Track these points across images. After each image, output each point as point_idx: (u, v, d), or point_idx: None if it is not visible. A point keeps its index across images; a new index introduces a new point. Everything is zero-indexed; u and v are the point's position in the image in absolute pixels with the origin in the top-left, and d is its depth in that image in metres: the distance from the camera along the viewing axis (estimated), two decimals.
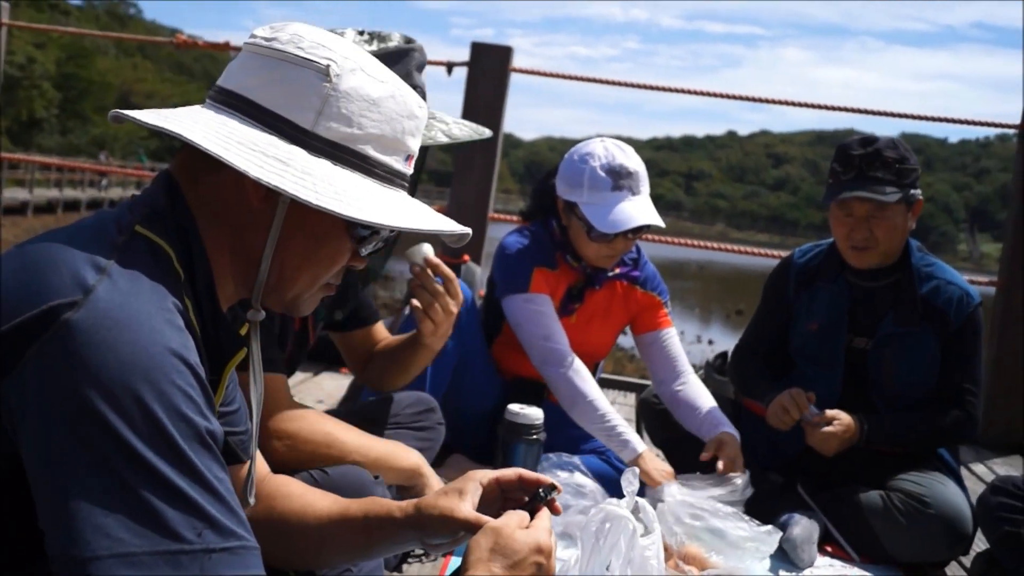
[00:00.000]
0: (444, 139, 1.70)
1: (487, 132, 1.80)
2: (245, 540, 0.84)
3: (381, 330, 2.06)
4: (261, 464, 1.26)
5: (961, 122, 4.59)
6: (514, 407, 2.13)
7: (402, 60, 1.70)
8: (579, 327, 2.58)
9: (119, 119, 0.96)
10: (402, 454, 1.72)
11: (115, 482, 0.78)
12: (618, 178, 2.39)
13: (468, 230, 1.08)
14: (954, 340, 2.44)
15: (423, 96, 1.78)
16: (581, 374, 2.41)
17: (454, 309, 1.83)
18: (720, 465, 2.32)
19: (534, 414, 2.11)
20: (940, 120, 4.61)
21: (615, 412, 2.38)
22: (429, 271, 1.80)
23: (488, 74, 3.94)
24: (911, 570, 2.32)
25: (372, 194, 0.99)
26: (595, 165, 2.40)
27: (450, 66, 3.96)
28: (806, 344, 2.55)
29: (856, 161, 2.40)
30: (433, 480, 1.75)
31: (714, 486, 2.30)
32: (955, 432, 2.44)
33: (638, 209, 2.38)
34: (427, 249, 1.84)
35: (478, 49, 4.03)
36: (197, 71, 70.03)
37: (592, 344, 2.63)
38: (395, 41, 1.70)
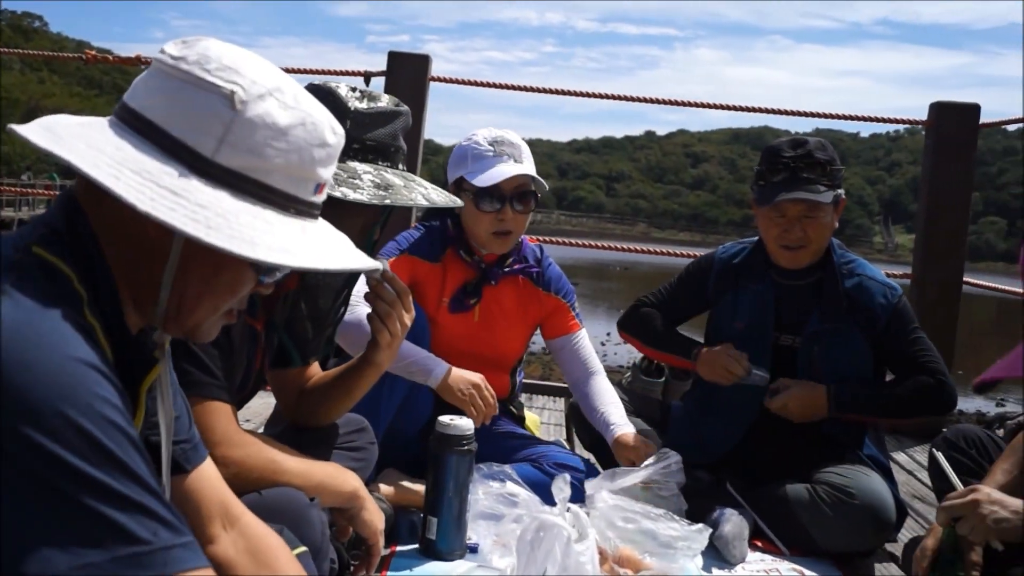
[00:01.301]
0: (424, 202, 1.73)
1: (459, 203, 1.85)
2: (190, 535, 0.86)
3: (316, 369, 2.04)
4: (235, 502, 1.27)
5: (871, 119, 4.72)
6: (444, 419, 2.12)
7: (392, 122, 1.74)
8: (484, 327, 2.58)
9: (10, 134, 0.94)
10: (341, 479, 1.72)
11: (62, 501, 0.78)
12: (500, 146, 2.47)
13: (375, 265, 1.07)
14: (889, 332, 2.51)
15: (404, 158, 1.80)
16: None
17: (408, 322, 1.84)
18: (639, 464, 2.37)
19: (465, 425, 2.11)
20: (851, 118, 4.75)
21: (409, 344, 2.34)
22: (386, 284, 1.81)
23: (406, 83, 3.93)
24: (839, 560, 2.38)
25: (271, 228, 0.96)
26: (479, 139, 2.49)
27: (368, 76, 3.93)
28: (732, 343, 2.59)
29: (788, 163, 2.46)
30: (369, 503, 1.75)
31: (646, 474, 2.32)
32: (929, 395, 2.48)
33: (517, 168, 2.44)
34: (383, 261, 1.85)
35: (395, 58, 4.02)
36: (107, 84, 68.39)
37: (501, 345, 2.63)
38: (384, 102, 1.74)
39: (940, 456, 2.12)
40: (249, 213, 0.95)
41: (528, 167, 2.48)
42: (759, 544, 2.42)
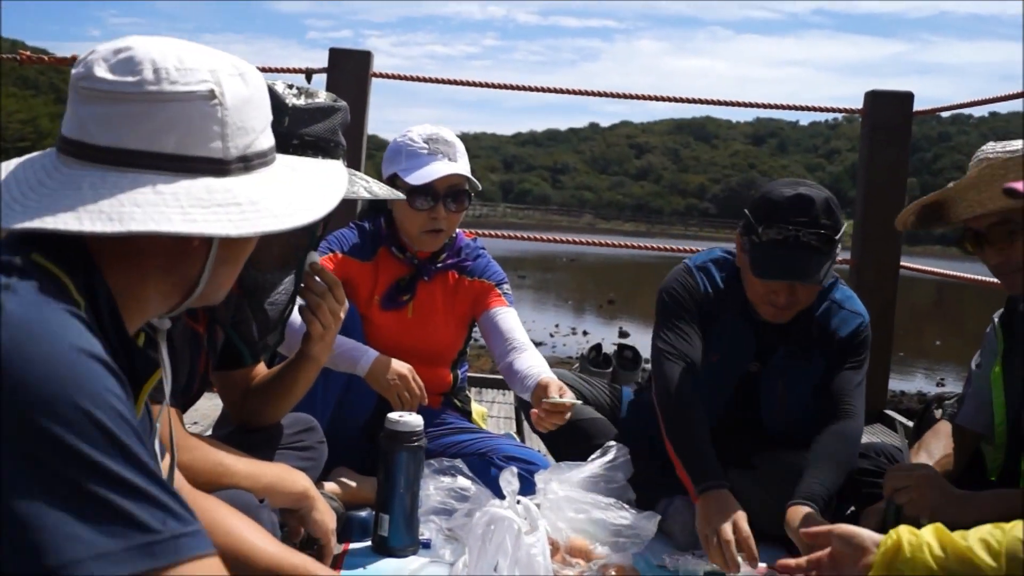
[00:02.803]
0: (367, 195, 1.75)
1: (401, 195, 1.89)
2: (198, 523, 0.88)
3: (261, 368, 2.03)
4: (182, 481, 1.31)
5: (809, 108, 4.82)
6: (394, 415, 2.12)
7: (330, 117, 1.75)
8: (419, 322, 2.58)
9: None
10: (290, 479, 1.72)
11: (75, 491, 0.80)
12: (434, 144, 2.46)
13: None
14: (845, 354, 2.44)
15: (344, 153, 1.80)
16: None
17: (340, 314, 1.84)
18: (554, 398, 2.28)
19: (414, 421, 2.11)
20: (790, 108, 4.83)
21: (339, 336, 2.27)
22: (316, 276, 1.81)
23: (349, 80, 3.90)
24: (786, 541, 2.42)
25: (286, 190, 1.06)
26: (413, 136, 2.48)
27: (309, 73, 3.90)
28: (704, 373, 2.50)
29: (790, 229, 2.22)
30: (319, 503, 1.75)
31: (596, 467, 2.35)
32: (856, 441, 2.38)
33: (450, 167, 2.43)
34: (313, 255, 1.87)
35: (337, 55, 3.98)
36: (44, 84, 66.80)
37: (437, 340, 2.63)
38: (321, 98, 1.75)
39: (900, 424, 2.15)
40: (266, 184, 1.04)
41: (462, 166, 2.48)
42: None
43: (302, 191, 1.08)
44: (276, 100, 1.71)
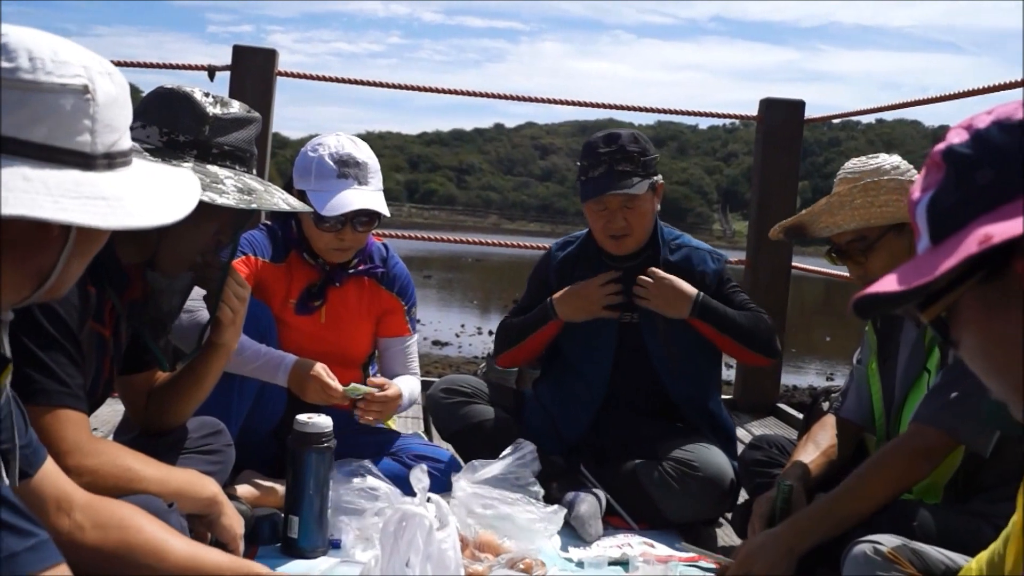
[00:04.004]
0: (285, 207, 1.75)
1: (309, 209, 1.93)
2: (41, 534, 0.88)
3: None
4: (73, 487, 1.30)
5: (707, 114, 4.97)
6: (302, 417, 2.13)
7: (247, 127, 1.75)
8: (331, 327, 2.59)
9: None
10: (199, 484, 1.71)
11: None
12: (344, 167, 2.44)
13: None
14: (721, 294, 2.66)
15: (256, 164, 1.80)
16: None
17: (244, 295, 1.86)
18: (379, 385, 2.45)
19: (323, 422, 2.12)
20: (689, 113, 4.98)
21: (259, 344, 2.38)
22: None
23: (253, 78, 3.85)
24: (685, 530, 2.52)
25: (147, 190, 1.07)
26: (324, 154, 2.45)
27: (212, 71, 3.82)
28: (576, 330, 2.69)
29: (604, 158, 2.58)
30: (228, 508, 1.75)
31: (504, 465, 2.40)
32: (767, 331, 2.63)
33: (361, 197, 2.42)
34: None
35: (241, 52, 3.91)
36: None
37: (349, 344, 2.64)
38: (236, 108, 1.75)
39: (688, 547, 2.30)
40: (129, 182, 1.04)
41: (373, 189, 2.47)
42: (612, 521, 2.53)
43: (162, 192, 1.11)
44: (196, 108, 1.71)
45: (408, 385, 2.60)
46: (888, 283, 0.90)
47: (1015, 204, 0.84)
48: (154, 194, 1.08)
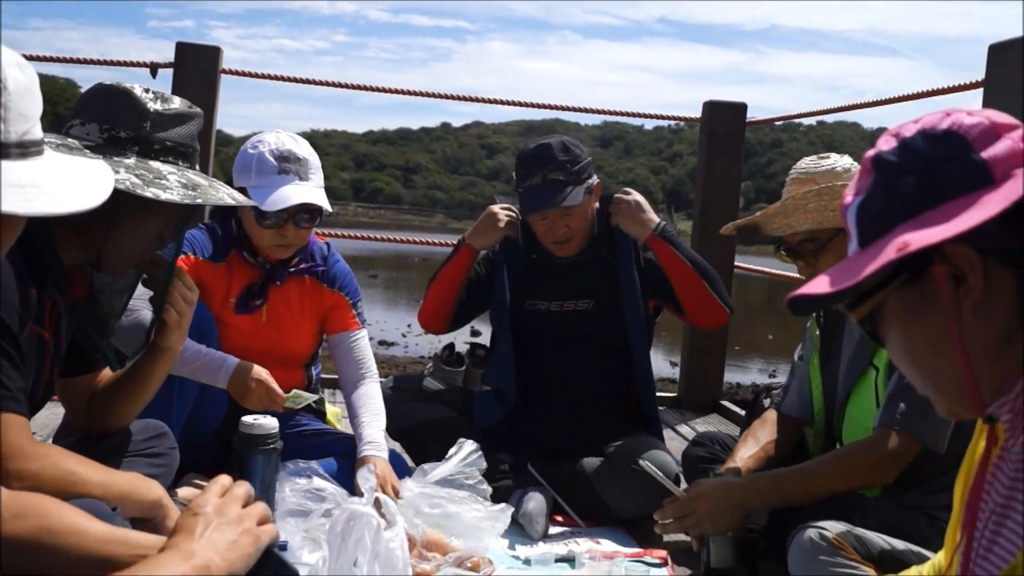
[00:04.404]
0: (230, 201, 1.74)
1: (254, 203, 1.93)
2: None
3: (106, 371, 1.98)
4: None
5: (652, 116, 5.03)
6: (248, 418, 2.11)
7: (188, 122, 1.72)
8: (271, 326, 2.57)
9: None
10: (143, 488, 1.69)
11: None
12: (285, 162, 2.42)
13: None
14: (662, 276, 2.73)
15: (199, 159, 1.78)
16: None
17: (192, 298, 1.84)
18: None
19: (269, 424, 2.11)
20: (634, 115, 5.04)
21: (200, 345, 2.37)
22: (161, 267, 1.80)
23: (197, 75, 3.80)
24: (630, 525, 2.55)
25: (62, 178, 1.08)
26: (264, 151, 2.43)
27: (154, 68, 3.77)
28: (536, 319, 2.82)
29: (536, 170, 2.64)
30: (172, 511, 1.73)
31: (451, 466, 2.41)
32: (720, 280, 2.74)
33: (302, 192, 2.41)
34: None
35: (184, 49, 3.85)
36: None
37: (291, 344, 2.63)
38: (176, 104, 1.72)
39: (646, 464, 2.33)
40: (43, 170, 1.05)
41: (314, 185, 2.46)
42: (559, 519, 2.56)
43: (77, 180, 1.12)
44: (137, 104, 1.69)
45: (379, 423, 2.52)
46: (819, 284, 0.94)
47: (935, 211, 0.89)
48: (70, 181, 1.09)
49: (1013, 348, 0.91)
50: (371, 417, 2.50)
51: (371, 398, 2.55)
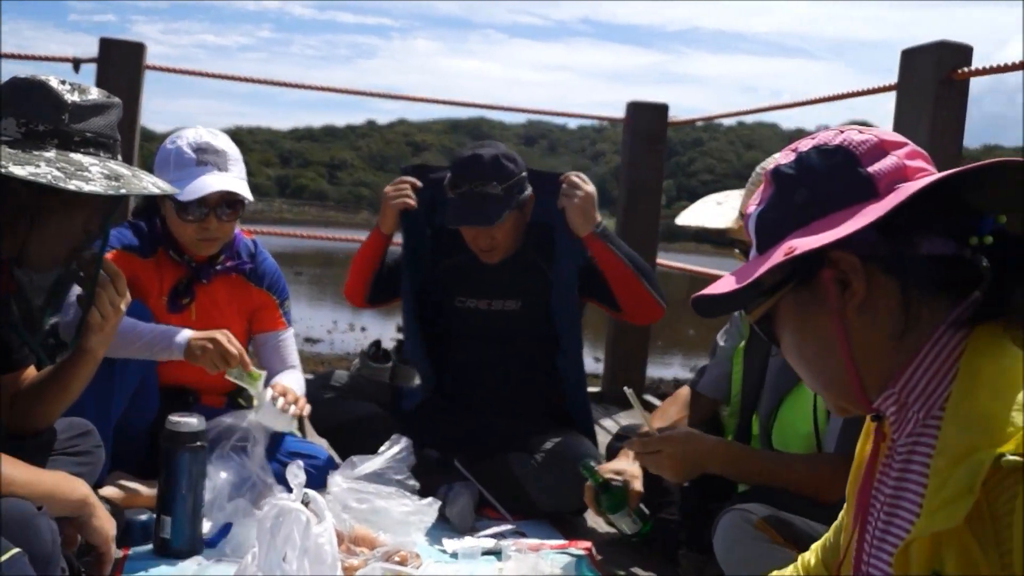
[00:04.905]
0: (155, 191, 1.71)
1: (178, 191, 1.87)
2: None
3: (31, 370, 1.95)
4: None
5: (577, 115, 5.14)
6: (174, 416, 2.11)
7: (107, 113, 1.70)
8: (203, 324, 2.54)
9: None
10: (68, 487, 1.68)
11: None
12: (203, 154, 2.42)
13: None
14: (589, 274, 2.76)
15: (120, 149, 1.76)
16: None
17: (122, 306, 1.81)
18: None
19: (196, 422, 2.11)
20: (558, 114, 5.15)
21: (143, 323, 2.36)
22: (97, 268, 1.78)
23: (121, 71, 3.74)
24: (555, 519, 2.61)
25: None
26: (182, 144, 2.43)
27: (77, 63, 3.71)
28: (453, 316, 2.85)
29: (467, 180, 2.63)
30: (99, 510, 1.72)
31: (381, 461, 2.43)
32: (650, 269, 2.78)
33: (221, 181, 2.41)
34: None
35: (108, 45, 3.79)
36: None
37: None
38: (95, 94, 1.70)
39: (630, 392, 2.34)
40: None
41: (234, 175, 2.45)
42: (486, 513, 2.59)
43: None
44: (53, 96, 1.66)
45: (294, 380, 2.59)
46: (720, 285, 1.03)
47: (823, 220, 0.97)
48: None
49: (894, 348, 0.98)
50: (287, 378, 2.58)
51: (293, 381, 2.60)
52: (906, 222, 0.96)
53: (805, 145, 1.04)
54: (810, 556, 1.32)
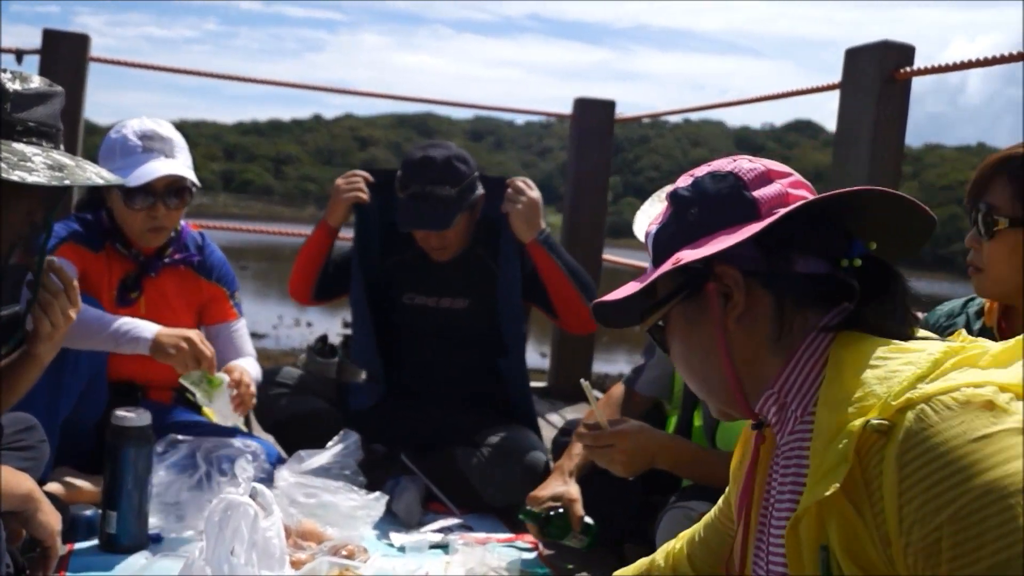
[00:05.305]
0: (100, 181, 1.68)
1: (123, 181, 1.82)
2: None
3: None
4: None
5: (524, 111, 5.16)
6: (120, 411, 2.10)
7: (49, 102, 1.67)
8: (152, 317, 2.50)
9: None
10: (14, 482, 1.66)
11: None
12: (149, 141, 2.41)
13: None
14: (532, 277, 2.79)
15: (63, 139, 1.73)
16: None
17: (72, 315, 1.80)
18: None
19: (142, 416, 2.10)
20: (506, 110, 5.13)
21: (111, 315, 2.33)
22: (51, 274, 1.76)
23: (64, 63, 3.67)
24: (501, 512, 2.64)
25: None
26: (127, 132, 2.42)
27: (19, 54, 3.65)
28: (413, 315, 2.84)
29: (418, 181, 2.64)
30: (44, 505, 1.72)
31: (329, 456, 2.44)
32: (591, 284, 2.79)
33: (168, 166, 2.40)
34: (54, 260, 1.81)
35: (52, 37, 3.72)
36: None
37: None
38: (36, 83, 1.67)
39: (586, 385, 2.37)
40: None
41: (180, 162, 2.45)
42: (433, 507, 2.61)
43: None
44: None
45: (250, 366, 2.58)
46: (619, 291, 1.14)
47: (710, 237, 1.08)
48: None
49: (771, 354, 1.09)
50: (242, 363, 2.56)
51: (249, 365, 2.60)
52: (783, 242, 1.07)
53: (702, 171, 1.15)
54: (677, 543, 1.43)
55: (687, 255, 1.06)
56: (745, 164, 1.12)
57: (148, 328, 2.29)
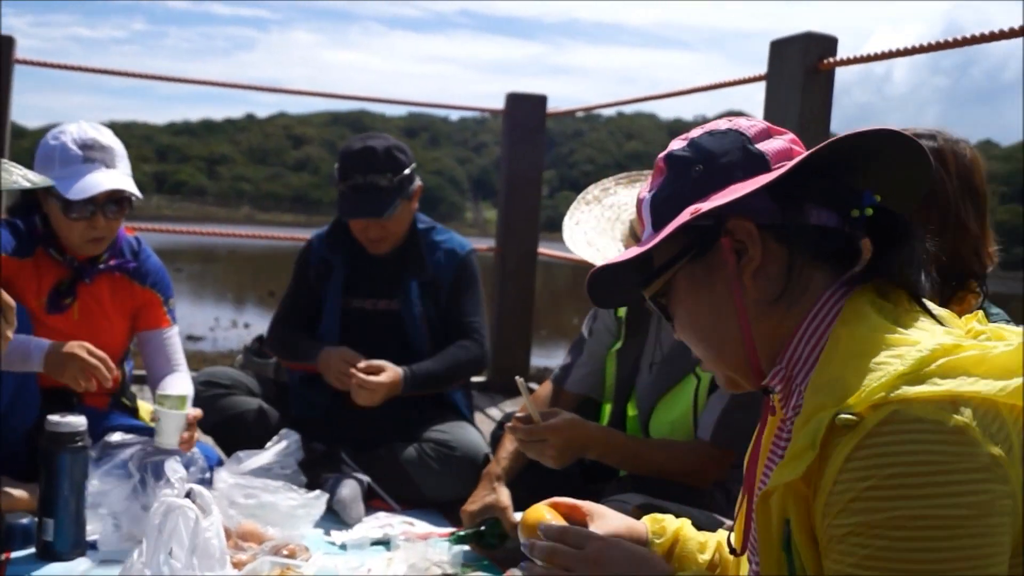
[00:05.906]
0: (26, 184, 1.65)
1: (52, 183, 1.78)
2: None
3: None
4: None
5: (457, 107, 5.18)
6: (54, 417, 2.08)
7: None
8: (84, 324, 2.52)
9: None
10: None
11: None
12: (90, 151, 2.38)
13: None
14: (453, 288, 2.85)
15: None
16: None
17: (10, 334, 1.77)
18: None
19: (77, 422, 2.08)
20: (439, 106, 5.14)
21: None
22: None
23: None
24: (444, 507, 2.66)
25: None
26: (67, 140, 2.38)
27: None
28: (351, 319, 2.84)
29: (358, 172, 2.69)
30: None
31: (269, 456, 2.44)
32: (473, 363, 2.83)
33: (110, 179, 2.38)
34: None
35: None
36: None
37: (105, 341, 2.53)
38: None
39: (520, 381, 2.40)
40: None
41: (121, 172, 2.42)
42: (374, 504, 2.63)
43: None
44: None
45: (183, 383, 2.58)
46: (616, 257, 1.10)
47: (721, 191, 1.05)
48: None
49: (783, 315, 1.07)
50: (176, 380, 2.57)
51: (181, 378, 2.61)
52: (798, 193, 1.04)
53: (696, 133, 1.12)
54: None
55: (706, 205, 1.02)
56: (744, 122, 1.10)
57: (38, 347, 2.26)
